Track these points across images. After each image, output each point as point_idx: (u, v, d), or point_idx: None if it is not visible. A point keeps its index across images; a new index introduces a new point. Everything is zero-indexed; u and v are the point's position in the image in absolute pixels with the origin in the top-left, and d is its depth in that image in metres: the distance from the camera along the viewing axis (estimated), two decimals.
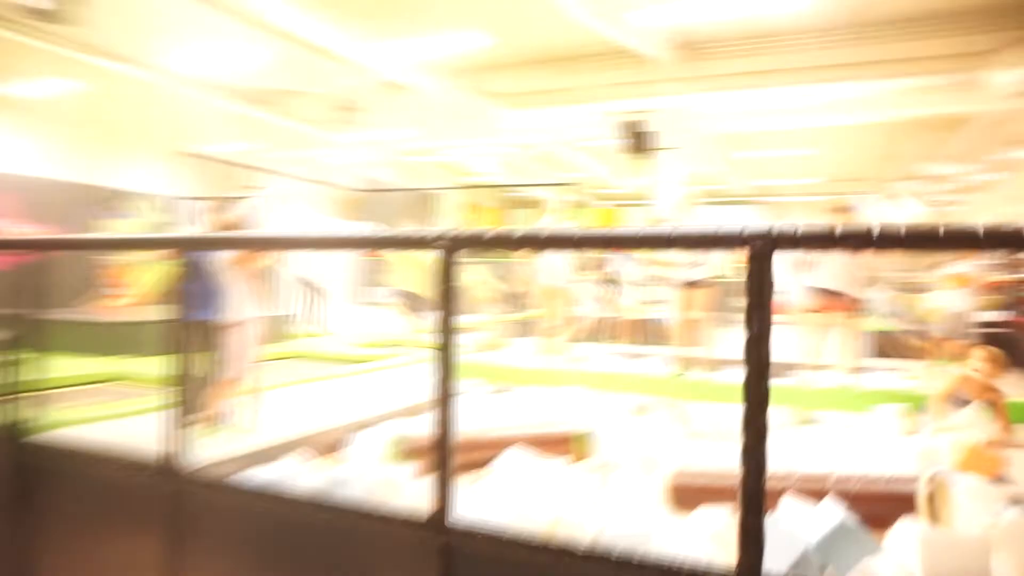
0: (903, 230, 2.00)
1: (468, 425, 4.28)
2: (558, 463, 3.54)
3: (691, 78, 9.43)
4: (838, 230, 2.02)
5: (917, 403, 4.43)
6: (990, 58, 7.90)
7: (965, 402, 3.93)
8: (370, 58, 7.78)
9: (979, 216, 18.09)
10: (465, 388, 5.72)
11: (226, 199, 10.44)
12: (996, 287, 9.33)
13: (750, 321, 2.00)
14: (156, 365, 3.66)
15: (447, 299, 2.46)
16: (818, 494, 2.74)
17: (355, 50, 7.47)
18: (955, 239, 2.01)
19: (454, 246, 2.48)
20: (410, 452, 3.36)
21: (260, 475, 3.10)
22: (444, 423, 2.39)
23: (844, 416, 4.99)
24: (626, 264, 11.45)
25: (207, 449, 3.35)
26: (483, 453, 3.48)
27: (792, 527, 2.42)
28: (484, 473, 3.45)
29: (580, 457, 3.76)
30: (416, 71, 8.45)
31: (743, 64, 9.46)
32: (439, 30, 8.81)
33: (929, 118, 10.46)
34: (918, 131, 13.01)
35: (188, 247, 3.19)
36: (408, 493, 3.11)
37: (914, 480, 2.68)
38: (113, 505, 2.91)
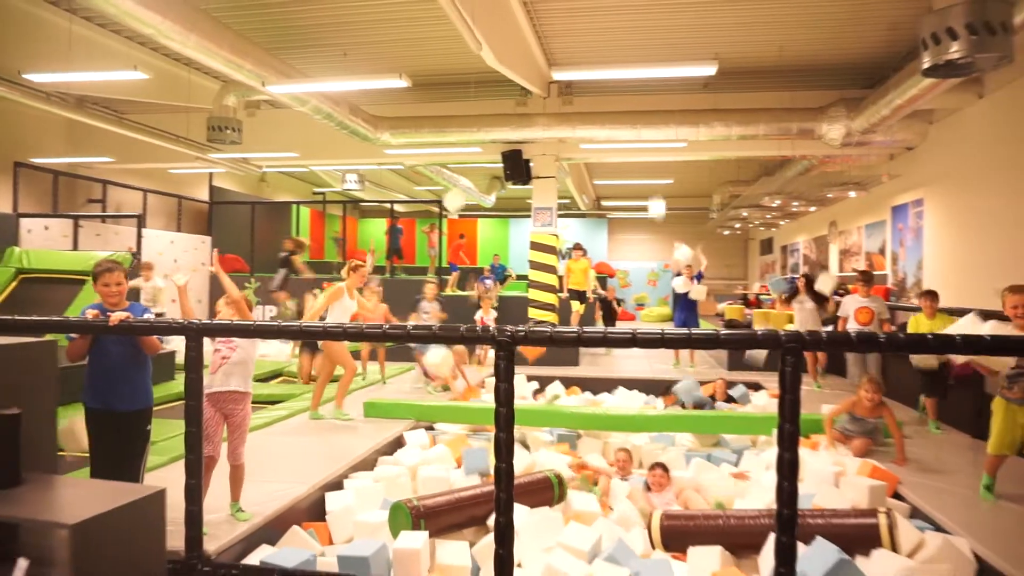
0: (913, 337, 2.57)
1: (451, 481, 4.44)
2: (546, 513, 3.82)
3: (566, 114, 10.11)
4: (854, 335, 2.55)
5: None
6: (819, 114, 9.27)
7: (856, 419, 4.91)
8: (254, 81, 7.42)
9: (783, 236, 20.81)
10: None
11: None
12: None
13: (783, 407, 2.47)
14: None
15: (508, 391, 2.67)
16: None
17: (240, 73, 7.13)
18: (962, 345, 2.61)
19: (513, 342, 2.71)
20: (418, 516, 3.45)
21: (279, 560, 3.06)
22: (507, 502, 2.62)
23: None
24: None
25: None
26: (480, 509, 3.68)
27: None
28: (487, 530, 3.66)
29: (560, 499, 4.06)
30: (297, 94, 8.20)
31: (614, 104, 10.35)
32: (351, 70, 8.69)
33: (768, 157, 11.96)
34: (757, 167, 14.84)
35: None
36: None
37: (872, 514, 3.31)
38: None
